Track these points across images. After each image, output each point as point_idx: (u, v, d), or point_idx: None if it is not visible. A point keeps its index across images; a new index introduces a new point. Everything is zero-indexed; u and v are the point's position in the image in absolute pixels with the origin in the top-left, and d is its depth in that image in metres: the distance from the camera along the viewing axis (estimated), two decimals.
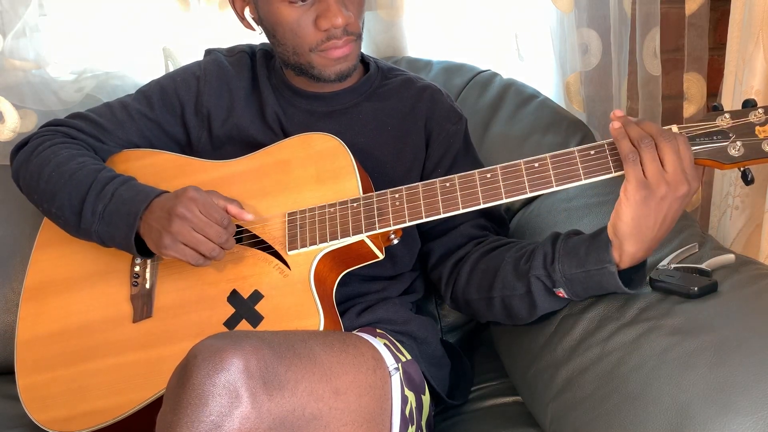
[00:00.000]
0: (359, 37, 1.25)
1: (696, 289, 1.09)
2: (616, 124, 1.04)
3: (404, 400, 1.13)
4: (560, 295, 1.15)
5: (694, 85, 1.57)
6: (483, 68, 1.68)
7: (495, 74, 1.67)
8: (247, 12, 1.28)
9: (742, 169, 1.05)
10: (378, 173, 1.27)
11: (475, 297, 1.24)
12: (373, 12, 1.73)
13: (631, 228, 1.04)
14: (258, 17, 1.26)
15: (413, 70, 1.61)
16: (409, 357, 1.20)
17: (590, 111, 1.67)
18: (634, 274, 1.12)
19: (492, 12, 1.72)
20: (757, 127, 1.02)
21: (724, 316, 1.05)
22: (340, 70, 1.24)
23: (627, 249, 1.06)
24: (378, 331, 1.22)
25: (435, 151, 1.31)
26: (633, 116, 1.62)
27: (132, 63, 1.70)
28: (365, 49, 1.75)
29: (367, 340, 1.13)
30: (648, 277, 1.15)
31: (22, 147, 1.34)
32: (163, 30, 1.69)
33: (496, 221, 1.33)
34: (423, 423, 1.20)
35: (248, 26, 1.29)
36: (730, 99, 1.32)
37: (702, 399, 0.94)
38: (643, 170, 1.01)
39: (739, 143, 1.03)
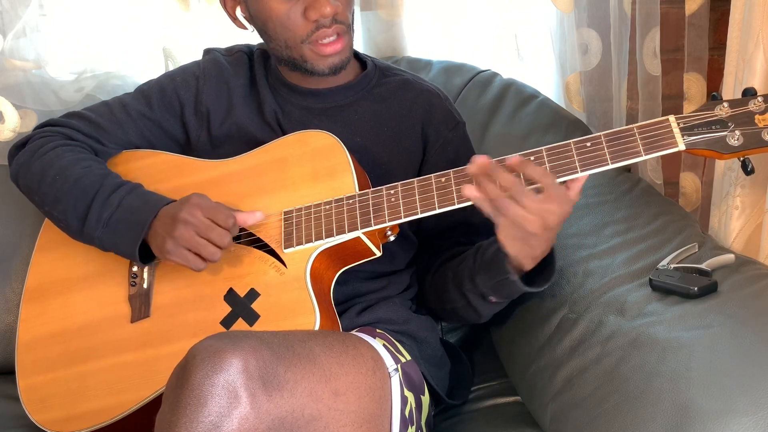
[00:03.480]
0: (349, 27, 1.25)
1: (696, 289, 1.09)
2: (473, 193, 1.06)
3: (404, 401, 1.13)
4: (493, 300, 1.21)
5: (694, 85, 1.56)
6: (483, 68, 1.68)
7: (495, 74, 1.67)
8: (238, 11, 1.29)
9: (741, 158, 1.03)
10: (375, 173, 1.26)
11: (434, 307, 1.34)
12: (373, 12, 1.73)
13: (519, 253, 1.10)
14: (249, 15, 1.27)
15: (413, 70, 1.60)
16: (408, 358, 1.20)
17: (590, 111, 1.67)
18: (545, 268, 1.16)
19: (492, 12, 1.72)
20: (757, 116, 1.01)
21: (724, 316, 1.05)
22: (332, 63, 1.25)
23: (522, 262, 1.11)
24: (378, 331, 1.22)
25: (432, 158, 1.31)
26: (633, 116, 1.63)
27: (132, 63, 1.70)
28: (365, 49, 1.75)
29: (367, 341, 1.13)
30: (648, 278, 1.15)
31: (20, 147, 1.34)
32: (163, 30, 1.69)
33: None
34: (423, 423, 1.20)
35: (240, 26, 1.30)
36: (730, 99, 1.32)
37: (702, 399, 0.94)
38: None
39: (738, 132, 1.01)
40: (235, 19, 1.30)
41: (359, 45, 1.75)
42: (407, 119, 1.32)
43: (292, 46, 1.24)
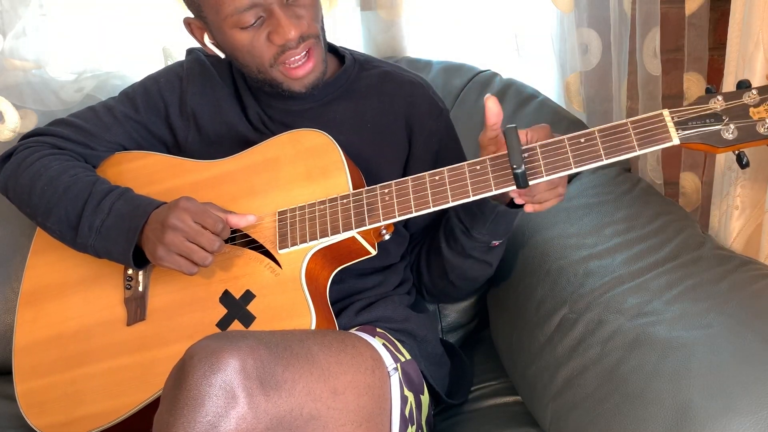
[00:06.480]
0: (319, 37, 1.21)
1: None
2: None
3: (404, 400, 1.13)
4: (495, 244, 1.25)
5: (694, 85, 1.56)
6: (483, 68, 1.68)
7: (495, 74, 1.67)
8: (206, 39, 1.24)
9: (736, 152, 1.02)
10: (361, 169, 1.25)
11: (441, 285, 1.35)
12: (373, 12, 1.73)
13: None
14: (217, 43, 1.24)
15: (413, 70, 1.60)
16: (408, 357, 1.20)
17: (590, 111, 1.67)
18: None
19: (492, 12, 1.72)
20: (752, 109, 1.00)
21: (724, 316, 1.05)
22: (307, 83, 1.22)
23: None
24: (378, 330, 1.22)
25: (417, 149, 1.30)
26: (633, 116, 1.63)
27: (132, 63, 1.70)
28: (365, 49, 1.75)
29: (366, 340, 1.13)
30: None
31: (6, 159, 1.33)
32: (163, 30, 1.69)
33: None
34: (423, 422, 1.20)
35: (211, 52, 1.25)
36: None
37: (702, 399, 0.94)
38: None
39: (732, 126, 1.00)
40: (205, 46, 1.26)
41: (359, 45, 1.75)
42: (389, 113, 1.30)
43: (263, 71, 1.21)
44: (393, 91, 1.31)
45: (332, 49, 1.34)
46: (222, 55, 1.25)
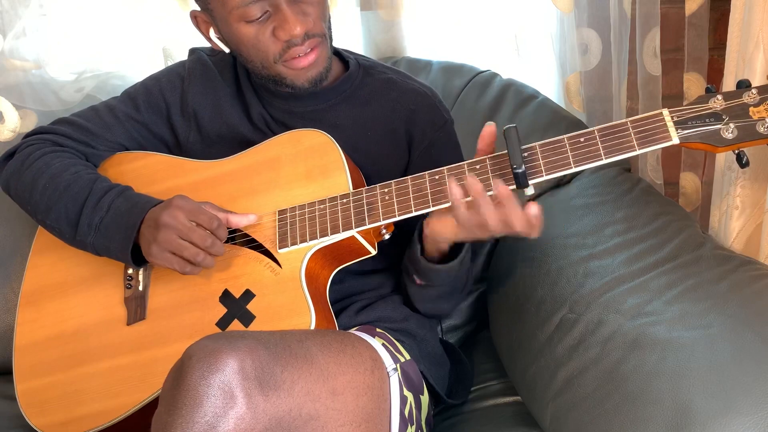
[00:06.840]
0: (324, 37, 1.21)
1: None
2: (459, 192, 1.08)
3: (403, 400, 1.13)
4: (418, 282, 1.23)
5: (694, 85, 1.56)
6: (483, 68, 1.68)
7: (495, 74, 1.67)
8: (212, 33, 1.25)
9: (736, 151, 1.02)
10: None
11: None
12: (373, 12, 1.73)
13: (457, 239, 1.15)
14: (222, 37, 1.24)
15: (413, 70, 1.60)
16: (408, 357, 1.20)
17: (590, 111, 1.67)
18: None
19: (492, 12, 1.72)
20: (751, 108, 1.00)
21: (724, 316, 1.05)
22: (311, 77, 1.22)
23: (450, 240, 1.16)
24: (378, 330, 1.22)
25: (416, 159, 1.29)
26: (633, 116, 1.63)
27: (132, 63, 1.70)
28: (365, 49, 1.75)
29: (366, 341, 1.13)
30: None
31: (9, 157, 1.33)
32: (163, 30, 1.69)
33: None
34: (423, 422, 1.20)
35: (216, 47, 1.26)
36: None
37: (702, 399, 0.94)
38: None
39: (732, 125, 1.00)
40: (210, 40, 1.26)
41: (359, 45, 1.75)
42: (390, 121, 1.29)
43: (267, 66, 1.21)
44: (395, 99, 1.30)
45: (336, 53, 1.33)
46: (227, 50, 1.25)
